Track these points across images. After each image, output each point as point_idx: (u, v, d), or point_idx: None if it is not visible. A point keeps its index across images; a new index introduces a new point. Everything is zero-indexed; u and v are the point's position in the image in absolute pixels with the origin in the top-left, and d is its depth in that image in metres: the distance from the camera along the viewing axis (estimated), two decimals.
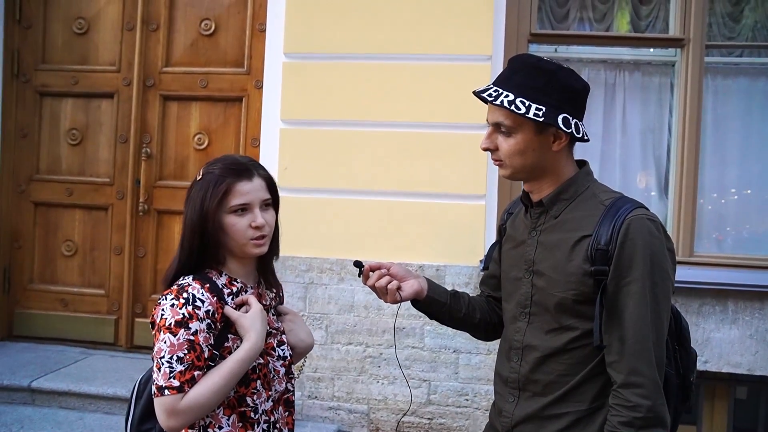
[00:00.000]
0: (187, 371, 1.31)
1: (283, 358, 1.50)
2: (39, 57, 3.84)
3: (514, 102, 1.34)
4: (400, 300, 1.56)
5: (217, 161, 1.46)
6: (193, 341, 1.32)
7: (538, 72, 1.37)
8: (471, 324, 1.67)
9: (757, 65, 3.56)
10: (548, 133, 1.38)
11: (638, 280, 1.29)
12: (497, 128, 1.41)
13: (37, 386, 3.22)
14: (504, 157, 1.41)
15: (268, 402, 1.45)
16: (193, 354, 1.32)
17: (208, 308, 1.36)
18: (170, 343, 1.31)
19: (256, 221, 1.42)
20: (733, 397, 3.29)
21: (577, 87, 1.40)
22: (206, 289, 1.38)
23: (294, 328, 1.57)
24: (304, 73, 3.35)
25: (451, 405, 3.24)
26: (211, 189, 1.39)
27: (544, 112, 1.33)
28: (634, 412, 1.26)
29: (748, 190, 3.52)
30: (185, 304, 1.34)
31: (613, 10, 3.56)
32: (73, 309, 3.81)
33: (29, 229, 3.87)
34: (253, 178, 1.43)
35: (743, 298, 3.15)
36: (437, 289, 1.63)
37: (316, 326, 3.31)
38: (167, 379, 1.30)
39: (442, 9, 3.24)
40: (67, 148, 3.84)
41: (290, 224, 3.34)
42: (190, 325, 1.32)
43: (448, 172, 3.22)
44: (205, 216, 1.39)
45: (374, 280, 1.56)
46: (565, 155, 1.43)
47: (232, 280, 1.45)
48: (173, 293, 1.36)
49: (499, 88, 1.38)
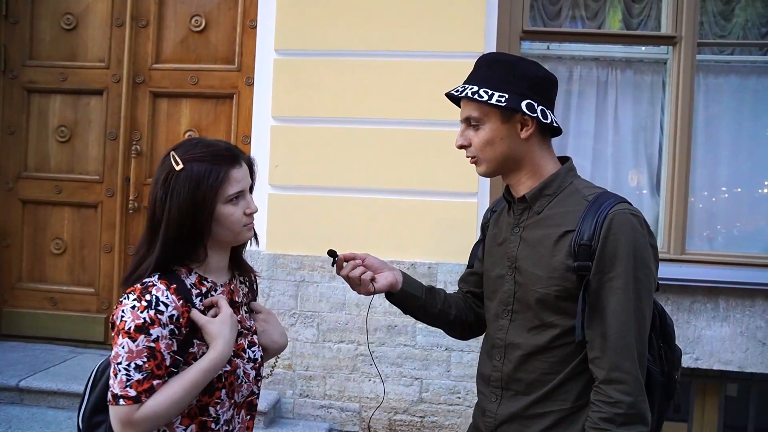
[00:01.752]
0: (146, 380, 1.23)
1: (253, 360, 1.43)
2: (26, 53, 3.79)
3: (477, 92, 1.38)
4: (373, 291, 1.55)
5: (193, 146, 1.35)
6: (153, 348, 1.24)
7: (498, 64, 1.43)
8: (445, 321, 1.65)
9: (748, 63, 3.57)
10: (514, 120, 1.40)
11: (621, 276, 1.28)
12: (468, 124, 1.45)
13: (25, 386, 3.19)
14: (476, 150, 1.44)
15: (230, 410, 1.38)
16: (152, 362, 1.24)
17: (172, 313, 1.27)
18: (129, 348, 1.23)
19: (251, 207, 1.38)
20: (724, 394, 3.31)
21: (538, 74, 1.42)
22: (172, 290, 1.29)
23: (267, 328, 1.49)
24: (295, 70, 3.33)
25: (443, 403, 3.23)
26: (206, 178, 1.30)
27: (507, 98, 1.36)
28: (615, 408, 1.26)
29: (739, 188, 3.53)
30: (147, 308, 1.25)
31: (605, 7, 3.56)
32: (62, 307, 3.78)
33: (17, 227, 3.83)
34: (242, 163, 1.38)
35: (734, 296, 3.16)
36: (412, 284, 1.61)
37: (307, 324, 3.29)
38: (123, 388, 1.22)
39: (434, 6, 3.23)
40: (56, 145, 3.80)
41: (281, 222, 3.34)
42: (151, 331, 1.24)
43: (440, 169, 3.22)
44: (201, 207, 1.30)
45: (348, 270, 1.55)
46: (538, 146, 1.43)
47: (202, 279, 1.37)
48: (136, 293, 1.27)
49: (465, 84, 1.43)
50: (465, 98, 1.42)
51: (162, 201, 1.31)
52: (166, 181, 1.31)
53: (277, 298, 3.31)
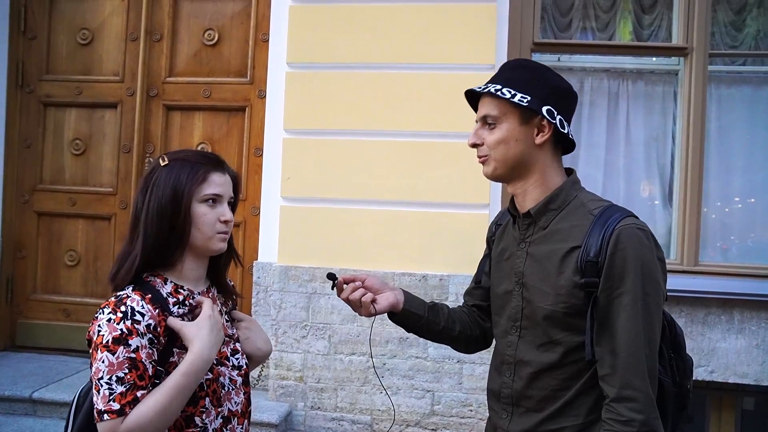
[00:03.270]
0: (129, 392, 1.20)
1: (238, 368, 1.41)
2: (43, 67, 3.86)
3: (500, 89, 1.38)
4: (374, 313, 1.54)
5: (180, 151, 1.41)
6: (134, 359, 1.22)
7: (524, 69, 1.44)
8: (450, 337, 1.64)
9: (761, 74, 3.56)
10: (532, 124, 1.39)
11: (629, 292, 1.27)
12: (484, 122, 1.44)
13: (38, 397, 3.21)
14: (489, 149, 1.43)
15: (218, 419, 1.35)
16: (134, 373, 1.21)
17: (149, 322, 1.25)
18: (109, 362, 1.20)
19: (225, 216, 1.37)
20: (740, 408, 3.26)
21: (563, 86, 1.43)
22: (147, 300, 1.28)
23: (250, 336, 1.48)
24: (307, 82, 3.35)
25: (455, 416, 3.21)
26: (187, 173, 1.33)
27: (529, 100, 1.36)
28: (627, 426, 1.24)
29: (752, 199, 3.50)
30: (123, 319, 1.23)
31: (615, 19, 3.56)
32: (75, 319, 3.80)
33: (32, 239, 3.87)
34: (225, 172, 1.40)
35: (749, 308, 3.12)
36: (414, 302, 1.60)
37: (319, 336, 3.29)
38: (106, 402, 1.19)
39: (445, 18, 3.25)
40: (71, 158, 3.85)
41: (293, 234, 3.35)
42: (129, 341, 1.22)
43: (451, 181, 3.22)
44: (179, 201, 1.32)
45: (348, 292, 1.54)
46: (550, 156, 1.42)
47: (178, 288, 1.36)
48: (110, 306, 1.26)
49: (488, 83, 1.43)
50: (487, 95, 1.41)
51: (143, 193, 1.35)
52: (149, 176, 1.36)
53: (289, 310, 3.31)
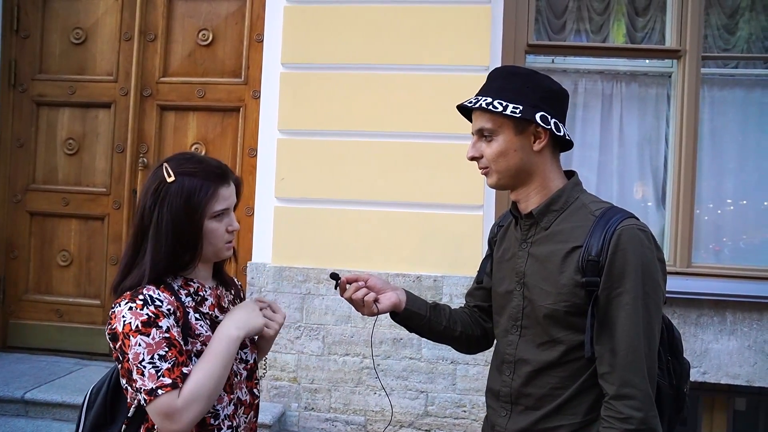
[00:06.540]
0: (175, 368, 1.23)
1: (245, 362, 1.45)
2: (36, 67, 3.84)
3: (491, 103, 1.38)
4: (377, 312, 1.56)
5: (185, 161, 1.39)
6: (169, 338, 1.25)
7: (513, 76, 1.44)
8: (451, 337, 1.66)
9: (753, 77, 3.58)
10: (528, 132, 1.40)
11: (630, 291, 1.28)
12: (480, 135, 1.44)
13: (30, 398, 3.18)
14: (489, 161, 1.43)
15: (230, 406, 1.38)
16: (174, 350, 1.24)
17: (168, 307, 1.29)
18: (146, 344, 1.23)
19: (233, 225, 1.41)
20: (732, 408, 3.28)
21: (553, 88, 1.44)
22: (162, 289, 1.32)
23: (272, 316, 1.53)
24: (301, 83, 3.35)
25: (448, 416, 3.21)
26: (198, 192, 1.34)
27: (521, 109, 1.37)
28: (626, 424, 1.25)
29: (744, 201, 3.52)
30: (145, 305, 1.26)
31: (609, 21, 3.58)
32: (68, 319, 3.78)
33: (25, 239, 3.85)
34: (230, 182, 1.42)
35: (741, 309, 3.14)
36: (416, 302, 1.62)
37: (313, 337, 3.29)
38: (156, 380, 1.21)
39: (440, 20, 3.26)
40: (64, 157, 3.83)
41: (287, 235, 3.34)
42: (159, 323, 1.25)
43: (446, 182, 3.22)
44: (193, 221, 1.34)
45: (351, 292, 1.56)
46: (549, 160, 1.44)
47: (188, 281, 1.40)
48: (126, 298, 1.28)
49: (478, 96, 1.43)
50: (479, 109, 1.41)
51: (150, 210, 1.34)
52: (157, 191, 1.35)
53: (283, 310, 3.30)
